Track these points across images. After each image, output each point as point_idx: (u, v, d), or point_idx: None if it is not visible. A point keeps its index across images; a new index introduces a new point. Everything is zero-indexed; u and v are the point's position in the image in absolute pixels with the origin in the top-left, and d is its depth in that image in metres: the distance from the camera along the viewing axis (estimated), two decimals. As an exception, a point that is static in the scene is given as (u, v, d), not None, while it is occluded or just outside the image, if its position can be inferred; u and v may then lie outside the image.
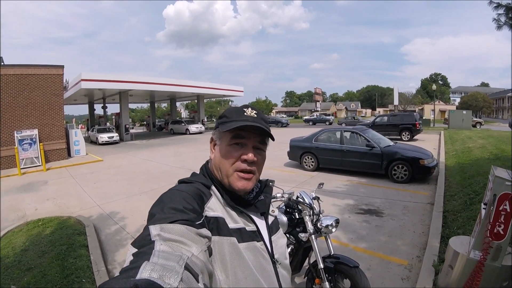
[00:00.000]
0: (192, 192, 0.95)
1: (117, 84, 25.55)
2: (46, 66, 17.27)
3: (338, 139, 10.27)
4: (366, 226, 5.58)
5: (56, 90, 17.49)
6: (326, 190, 7.73)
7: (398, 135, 19.25)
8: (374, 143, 9.35)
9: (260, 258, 1.03)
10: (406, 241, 4.86)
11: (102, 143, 25.65)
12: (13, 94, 15.76)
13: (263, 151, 1.13)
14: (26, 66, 16.47)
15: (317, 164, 10.61)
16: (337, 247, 4.67)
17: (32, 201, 9.06)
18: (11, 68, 16.01)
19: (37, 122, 16.55)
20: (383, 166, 8.92)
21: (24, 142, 15.33)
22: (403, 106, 58.14)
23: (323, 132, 10.95)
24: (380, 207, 6.50)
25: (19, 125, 15.85)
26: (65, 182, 11.59)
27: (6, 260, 4.90)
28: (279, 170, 11.15)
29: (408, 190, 7.68)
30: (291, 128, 37.80)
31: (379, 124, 20.61)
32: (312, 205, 3.08)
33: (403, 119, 19.87)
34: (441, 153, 12.55)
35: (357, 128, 10.38)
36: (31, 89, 16.35)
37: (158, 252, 0.66)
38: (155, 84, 28.33)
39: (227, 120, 1.06)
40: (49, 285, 4.01)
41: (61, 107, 17.89)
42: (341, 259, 2.92)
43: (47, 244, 5.39)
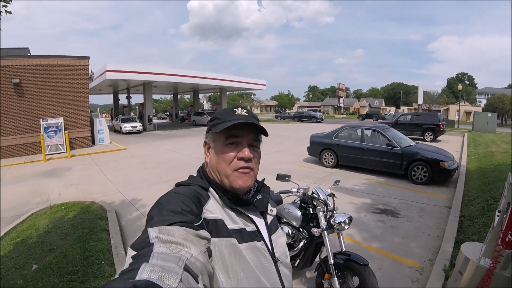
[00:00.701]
0: (190, 195, 0.97)
1: (141, 76, 25.91)
2: (72, 57, 17.83)
3: (359, 136, 10.14)
4: (381, 226, 5.55)
5: (81, 80, 18.04)
6: (343, 188, 7.76)
7: (421, 135, 18.73)
8: (395, 142, 9.17)
9: (261, 258, 1.04)
10: (420, 244, 4.81)
11: (125, 132, 26.27)
12: (40, 84, 16.38)
13: (258, 148, 1.14)
14: (52, 57, 17.06)
15: (337, 161, 10.53)
16: (350, 245, 4.70)
17: (56, 186, 9.44)
18: (38, 58, 16.64)
19: (62, 111, 17.15)
20: (403, 166, 8.76)
21: (49, 129, 15.96)
22: (427, 106, 56.74)
23: (344, 129, 10.84)
24: (397, 208, 6.43)
25: (45, 113, 16.48)
26: (88, 169, 11.99)
27: (29, 241, 5.14)
28: (298, 165, 11.16)
29: (427, 192, 7.53)
30: (323, 124, 37.17)
31: (402, 123, 20.10)
32: (327, 202, 3.11)
33: (427, 119, 19.28)
34: (463, 156, 12.24)
35: (378, 127, 10.18)
36: (57, 79, 16.94)
37: (157, 254, 0.68)
38: (178, 76, 28.55)
39: (219, 122, 1.07)
40: (70, 265, 4.21)
41: (86, 97, 18.45)
42: (352, 256, 2.95)
43: (70, 227, 5.63)
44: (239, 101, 74.95)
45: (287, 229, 3.33)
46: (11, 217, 6.74)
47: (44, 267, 4.22)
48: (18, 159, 14.83)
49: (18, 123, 15.84)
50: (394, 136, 9.66)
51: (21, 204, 7.73)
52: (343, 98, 61.73)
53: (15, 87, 15.62)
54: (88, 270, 4.09)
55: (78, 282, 3.81)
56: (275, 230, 1.20)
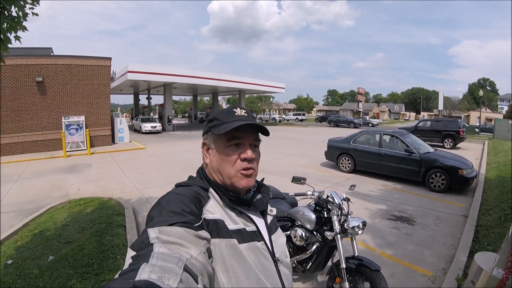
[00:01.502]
0: (190, 195, 0.97)
1: (161, 77, 26.36)
2: (95, 57, 18.34)
3: (377, 142, 9.99)
4: (396, 233, 5.47)
5: (103, 80, 18.56)
6: (360, 193, 7.69)
7: (440, 141, 18.31)
8: (413, 148, 8.99)
9: (262, 258, 1.04)
10: (434, 252, 4.72)
11: (145, 132, 26.80)
12: (63, 83, 16.97)
13: (258, 148, 1.15)
14: (75, 57, 17.64)
15: (354, 166, 10.40)
16: (363, 251, 4.66)
17: (75, 181, 9.69)
18: (61, 58, 17.28)
19: (84, 109, 17.66)
20: (421, 173, 8.58)
21: (71, 127, 16.46)
22: (448, 112, 55.71)
23: (363, 133, 10.71)
24: (413, 215, 6.32)
25: (67, 111, 17.04)
26: (108, 166, 12.26)
27: (47, 233, 5.32)
28: (315, 169, 11.08)
29: (444, 200, 7.37)
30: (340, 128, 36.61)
31: (422, 129, 19.70)
32: (341, 206, 3.09)
33: (447, 125, 18.80)
34: (483, 164, 11.88)
35: (397, 132, 10.01)
36: (79, 78, 17.49)
37: (157, 254, 0.68)
38: (198, 78, 28.89)
39: (220, 123, 1.07)
40: (86, 258, 4.33)
41: (107, 96, 18.96)
42: (364, 261, 2.93)
43: (87, 221, 5.78)
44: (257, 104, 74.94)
45: (300, 232, 3.33)
46: (30, 209, 6.96)
47: (60, 259, 4.36)
48: (39, 155, 15.34)
49: (40, 120, 16.45)
50: (413, 142, 9.48)
51: (41, 197, 7.97)
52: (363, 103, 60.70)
53: (38, 85, 16.25)
54: (103, 263, 4.19)
55: (92, 274, 3.91)
56: (275, 230, 1.21)
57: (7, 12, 2.44)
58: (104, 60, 18.63)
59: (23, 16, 2.62)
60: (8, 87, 15.54)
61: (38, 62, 16.34)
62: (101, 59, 18.50)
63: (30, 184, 9.53)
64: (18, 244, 5.07)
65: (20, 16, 2.56)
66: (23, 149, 16.00)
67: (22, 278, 3.93)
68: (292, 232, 3.43)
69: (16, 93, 15.76)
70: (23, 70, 15.85)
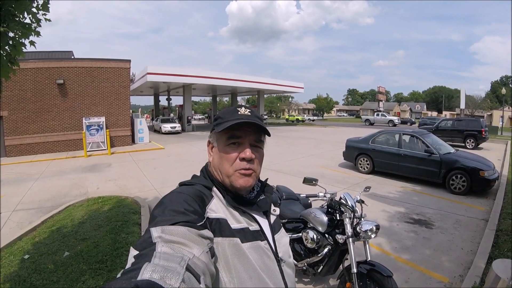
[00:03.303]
0: (193, 194, 0.96)
1: (181, 78, 26.74)
2: (114, 60, 18.84)
3: (396, 142, 9.76)
4: (413, 236, 5.32)
5: (123, 82, 19.02)
6: (378, 195, 7.59)
7: (462, 142, 17.75)
8: (434, 149, 8.71)
9: (265, 257, 1.03)
10: (452, 258, 4.56)
11: (165, 132, 27.22)
12: (83, 85, 17.51)
13: (260, 148, 1.13)
14: (95, 59, 18.13)
15: (372, 167, 10.19)
16: (378, 255, 4.59)
17: (95, 180, 9.93)
18: (82, 61, 17.84)
19: (104, 111, 18.15)
20: (441, 174, 8.31)
21: (91, 127, 16.95)
22: (470, 111, 54.30)
23: (382, 133, 10.49)
24: (431, 219, 6.14)
25: (88, 113, 17.56)
26: (127, 166, 12.50)
27: (64, 230, 5.49)
28: (333, 170, 10.93)
29: (464, 203, 7.13)
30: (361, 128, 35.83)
31: (443, 129, 19.15)
32: (354, 208, 3.04)
33: (468, 124, 18.17)
34: (505, 166, 11.49)
35: (417, 132, 9.75)
36: (100, 80, 18.00)
37: (159, 254, 0.67)
38: (216, 79, 29.16)
39: (222, 121, 1.07)
40: (100, 254, 4.44)
41: (127, 98, 19.42)
42: (376, 266, 2.85)
43: (104, 219, 5.93)
44: (277, 104, 74.87)
45: (312, 234, 3.29)
46: (50, 207, 7.18)
47: (75, 255, 4.49)
48: (60, 154, 15.86)
49: (62, 121, 17.03)
50: (433, 142, 9.21)
51: (60, 195, 8.20)
52: (383, 102, 59.70)
53: (59, 87, 16.82)
54: (116, 260, 4.27)
55: (105, 270, 4.00)
56: (278, 230, 1.20)
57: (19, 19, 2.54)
58: (124, 62, 19.08)
59: (36, 22, 2.71)
60: (30, 90, 16.14)
61: (59, 65, 16.91)
62: (120, 62, 18.96)
63: (51, 182, 9.81)
64: (35, 240, 5.23)
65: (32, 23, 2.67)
66: (45, 149, 16.59)
67: (37, 273, 4.07)
68: (304, 234, 3.40)
69: (38, 95, 16.36)
70: (45, 73, 16.43)
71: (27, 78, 15.97)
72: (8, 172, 11.85)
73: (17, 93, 15.81)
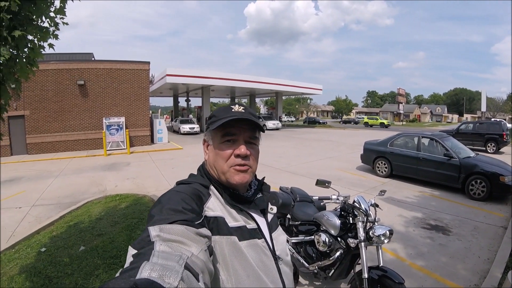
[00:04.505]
0: (191, 193, 0.96)
1: (199, 80, 27.00)
2: (134, 62, 19.30)
3: (415, 145, 9.51)
4: (429, 243, 5.19)
5: (142, 83, 19.47)
6: (395, 199, 7.46)
7: (483, 146, 17.10)
8: (453, 152, 8.44)
9: (262, 255, 1.03)
10: (468, 266, 4.43)
11: (183, 133, 27.71)
12: (103, 86, 18.03)
13: (256, 145, 1.13)
14: (115, 61, 18.66)
15: (390, 170, 9.95)
16: (393, 261, 4.51)
17: (113, 178, 10.19)
18: (102, 62, 18.38)
19: (124, 111, 18.61)
20: (460, 179, 8.05)
21: (111, 127, 17.43)
22: (492, 113, 52.97)
23: (400, 136, 10.27)
24: (449, 225, 5.97)
25: (108, 113, 18.06)
26: (145, 165, 12.74)
27: (81, 225, 5.69)
28: (350, 173, 10.80)
29: (483, 209, 6.90)
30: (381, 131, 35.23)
31: (463, 132, 18.53)
32: (368, 212, 2.96)
33: (489, 128, 17.49)
34: None
35: (436, 135, 9.49)
36: (119, 81, 18.49)
37: (157, 253, 0.67)
38: (235, 80, 29.38)
39: (216, 119, 1.07)
40: (115, 250, 4.58)
41: (146, 99, 19.83)
42: (388, 272, 2.79)
43: (120, 216, 6.10)
44: (295, 106, 74.63)
45: (324, 237, 3.25)
46: (68, 203, 7.41)
47: (90, 249, 4.64)
48: (80, 153, 16.39)
49: (82, 120, 17.61)
50: (453, 145, 8.91)
51: (79, 192, 8.45)
52: (403, 104, 58.51)
53: (80, 88, 17.40)
54: (130, 256, 4.37)
55: (119, 266, 4.09)
56: (275, 228, 1.20)
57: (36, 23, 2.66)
58: (143, 64, 19.49)
59: (54, 25, 2.83)
60: (51, 90, 16.78)
61: (80, 66, 17.49)
62: (140, 63, 19.37)
63: (70, 180, 10.12)
64: (53, 234, 5.43)
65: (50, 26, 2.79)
66: (65, 147, 17.17)
67: (53, 265, 4.23)
68: (316, 237, 3.35)
69: (59, 95, 16.98)
70: (66, 74, 17.03)
71: (48, 78, 16.59)
72: (29, 169, 12.34)
73: (38, 93, 16.46)
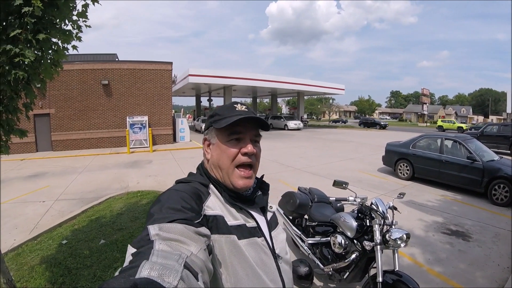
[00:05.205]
0: (190, 192, 0.96)
1: (221, 80, 27.35)
2: (157, 62, 19.75)
3: (438, 147, 9.24)
4: (448, 249, 5.06)
5: (165, 83, 19.92)
6: (416, 203, 7.34)
7: (507, 148, 16.48)
8: (476, 155, 8.13)
9: (262, 254, 1.03)
10: (486, 274, 4.30)
11: (206, 132, 27.68)
12: (127, 86, 18.59)
13: (259, 143, 1.14)
14: (138, 62, 19.18)
15: (412, 173, 9.73)
16: (410, 266, 4.45)
17: (135, 175, 10.47)
18: (125, 63, 18.97)
19: (147, 110, 19.12)
20: (483, 183, 7.76)
21: (135, 126, 18.00)
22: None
23: (423, 138, 10.02)
24: (470, 230, 5.81)
25: (132, 112, 18.62)
26: (167, 163, 13.00)
27: (103, 220, 5.92)
28: (371, 175, 10.62)
29: (506, 215, 6.66)
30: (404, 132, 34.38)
31: (488, 135, 17.92)
32: (385, 214, 2.95)
33: None
34: None
35: (459, 137, 9.23)
36: (143, 81, 19.00)
37: (157, 252, 0.67)
38: (256, 80, 29.54)
39: (220, 118, 1.07)
40: None
41: (169, 98, 20.28)
42: (403, 277, 2.76)
43: (141, 212, 6.29)
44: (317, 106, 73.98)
45: (340, 239, 3.24)
46: (91, 198, 7.67)
47: (110, 243, 4.83)
48: (104, 150, 16.92)
49: (106, 119, 18.23)
50: (477, 148, 8.60)
51: (102, 188, 8.72)
52: (427, 105, 57.03)
53: (104, 87, 18.03)
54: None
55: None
56: (275, 227, 1.20)
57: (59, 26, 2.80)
58: (166, 64, 19.90)
59: (77, 28, 2.95)
60: (76, 89, 17.46)
61: (104, 66, 18.12)
62: (162, 64, 19.79)
63: (94, 176, 10.47)
64: (75, 227, 5.65)
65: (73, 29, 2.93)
66: (90, 144, 17.80)
67: (73, 257, 4.43)
68: (332, 238, 3.36)
69: (84, 95, 17.64)
70: (90, 74, 17.66)
71: (73, 78, 17.28)
72: (53, 165, 12.86)
73: (63, 92, 17.15)
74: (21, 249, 4.88)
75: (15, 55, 2.36)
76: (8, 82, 2.47)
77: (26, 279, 3.96)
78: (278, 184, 8.50)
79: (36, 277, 3.98)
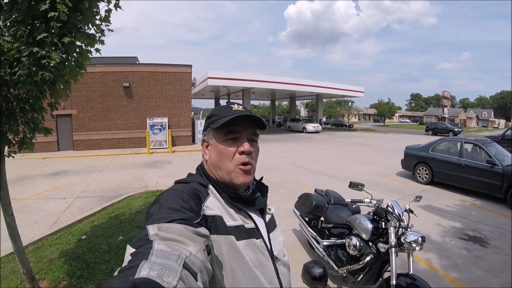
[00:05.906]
0: (189, 192, 0.96)
1: (240, 82, 27.33)
2: (176, 65, 20.06)
3: (458, 151, 9.04)
4: (465, 254, 4.96)
5: (184, 85, 20.21)
6: (434, 208, 7.23)
7: None
8: (497, 159, 7.90)
9: (260, 255, 1.03)
10: (502, 281, 4.19)
11: (224, 134, 27.84)
12: (147, 88, 18.98)
13: (256, 143, 1.15)
14: (158, 65, 19.56)
15: (431, 177, 9.51)
16: (426, 271, 4.40)
17: (155, 175, 10.66)
18: (146, 66, 19.40)
19: (167, 112, 19.46)
20: (502, 188, 7.53)
21: (155, 127, 18.37)
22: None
23: (443, 141, 9.82)
24: (487, 236, 5.67)
25: (152, 113, 18.99)
26: (186, 164, 13.20)
27: (122, 217, 6.10)
28: (389, 179, 10.47)
29: None
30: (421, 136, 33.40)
31: (509, 138, 17.28)
32: (401, 217, 2.94)
33: None
34: None
35: (479, 141, 8.92)
36: (163, 84, 19.35)
37: (156, 252, 0.67)
38: (275, 83, 29.36)
39: (217, 118, 1.08)
40: None
41: (189, 101, 20.54)
42: (417, 281, 2.73)
43: None
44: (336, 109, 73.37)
45: (355, 241, 3.25)
46: (111, 196, 7.89)
47: (128, 239, 4.95)
48: (124, 150, 17.32)
49: (127, 120, 18.65)
50: (497, 152, 8.37)
51: (122, 186, 8.96)
52: (448, 108, 55.71)
53: (125, 89, 18.49)
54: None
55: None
56: (273, 228, 1.20)
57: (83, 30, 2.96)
58: (185, 67, 20.19)
59: (100, 32, 3.12)
60: (97, 91, 17.98)
61: (125, 69, 18.57)
62: (182, 67, 20.10)
63: (114, 175, 10.75)
64: (94, 223, 5.84)
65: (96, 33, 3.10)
66: (111, 144, 18.26)
67: (91, 251, 4.59)
68: (347, 240, 3.36)
69: (105, 96, 18.14)
70: (111, 77, 18.16)
71: (95, 80, 17.81)
72: (75, 163, 13.24)
73: (85, 93, 17.69)
74: (41, 243, 5.07)
75: (42, 57, 2.51)
76: (35, 83, 2.62)
77: (45, 271, 4.13)
78: (295, 186, 8.55)
79: (54, 270, 4.14)
